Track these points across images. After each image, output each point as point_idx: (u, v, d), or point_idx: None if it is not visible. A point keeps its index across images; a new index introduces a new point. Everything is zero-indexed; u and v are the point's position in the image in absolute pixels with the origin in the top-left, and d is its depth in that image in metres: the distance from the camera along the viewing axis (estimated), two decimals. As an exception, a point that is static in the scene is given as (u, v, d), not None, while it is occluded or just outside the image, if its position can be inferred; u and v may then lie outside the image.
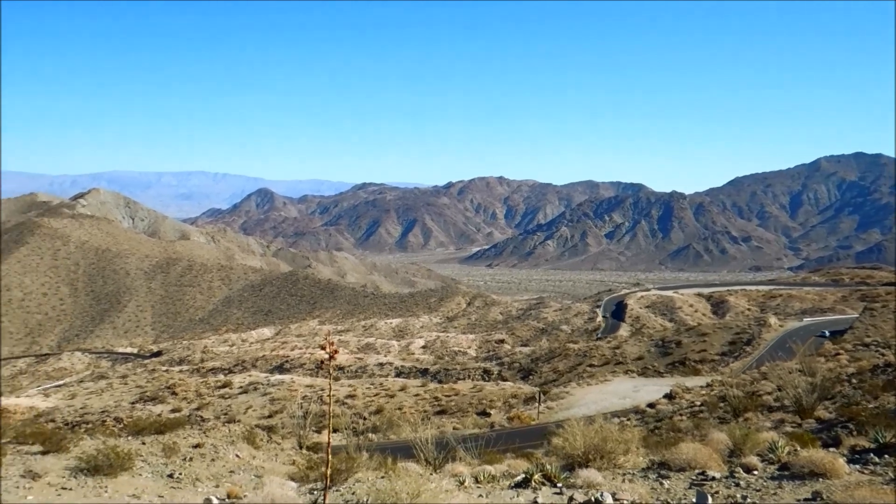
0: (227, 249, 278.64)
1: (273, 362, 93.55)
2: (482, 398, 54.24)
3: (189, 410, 55.60)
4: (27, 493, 13.24)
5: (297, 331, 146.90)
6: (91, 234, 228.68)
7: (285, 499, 9.93)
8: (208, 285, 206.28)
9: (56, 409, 62.27)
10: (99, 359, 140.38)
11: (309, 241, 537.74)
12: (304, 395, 59.89)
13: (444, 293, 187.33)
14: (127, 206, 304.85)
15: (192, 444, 19.15)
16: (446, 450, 14.45)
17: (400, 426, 39.13)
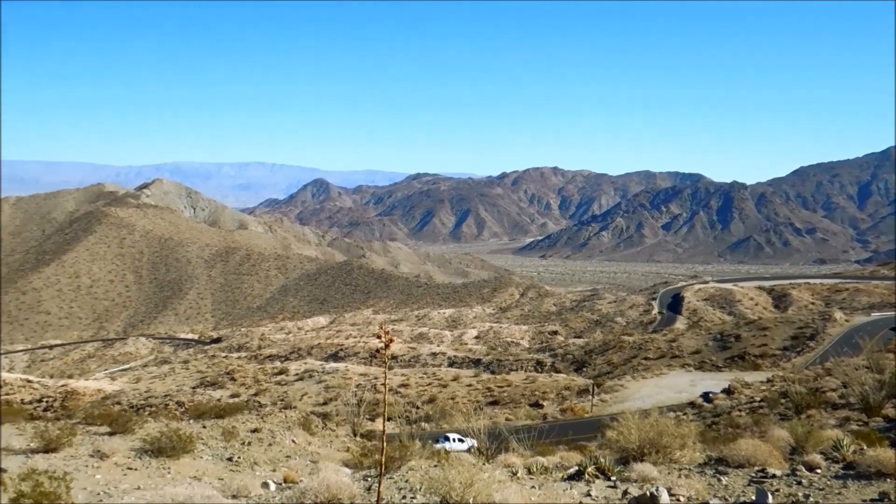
0: (283, 239, 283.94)
1: (328, 350, 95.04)
2: (535, 389, 54.05)
3: (247, 396, 57.03)
4: (95, 472, 13.79)
5: (351, 320, 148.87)
6: (155, 224, 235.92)
7: (340, 485, 10.07)
8: (265, 274, 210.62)
9: (122, 392, 64.67)
10: (162, 344, 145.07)
11: (363, 231, 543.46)
12: (358, 383, 60.75)
13: (497, 284, 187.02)
14: (188, 196, 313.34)
15: (250, 429, 19.62)
16: (499, 440, 14.46)
17: (452, 416, 39.30)
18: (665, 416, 19.40)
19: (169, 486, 12.97)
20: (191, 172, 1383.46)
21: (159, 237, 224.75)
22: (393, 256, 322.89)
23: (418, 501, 9.38)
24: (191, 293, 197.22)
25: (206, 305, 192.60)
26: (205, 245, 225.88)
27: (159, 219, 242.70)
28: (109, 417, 19.51)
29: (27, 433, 16.65)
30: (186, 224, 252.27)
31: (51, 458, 14.51)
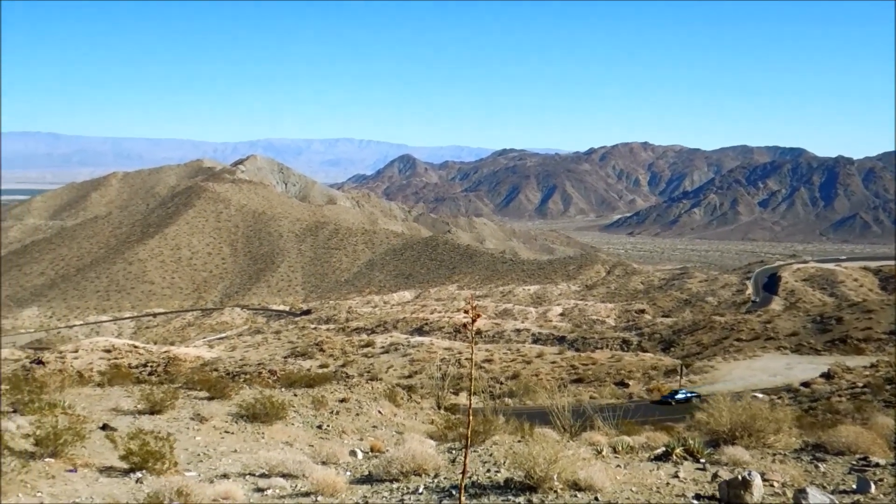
0: (370, 214, 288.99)
1: (413, 324, 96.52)
2: (620, 368, 53.26)
3: (335, 367, 58.71)
4: (196, 434, 14.55)
5: (436, 295, 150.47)
6: (249, 198, 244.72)
7: (425, 456, 10.24)
8: (353, 248, 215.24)
9: (219, 359, 67.82)
10: (255, 315, 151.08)
11: (449, 207, 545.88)
12: (443, 357, 61.49)
13: (583, 261, 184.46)
14: (280, 172, 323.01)
15: (338, 399, 20.21)
16: (583, 418, 14.32)
17: (536, 392, 39.27)
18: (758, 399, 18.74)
19: (263, 450, 13.54)
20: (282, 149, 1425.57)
21: (253, 211, 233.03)
22: (478, 232, 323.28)
23: (502, 475, 9.43)
24: (282, 266, 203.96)
25: (296, 278, 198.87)
26: (295, 219, 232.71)
27: (253, 194, 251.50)
28: (208, 383, 20.52)
29: (134, 396, 17.71)
30: (278, 199, 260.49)
31: (155, 420, 15.39)
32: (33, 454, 10.78)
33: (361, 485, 10.01)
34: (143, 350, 72.05)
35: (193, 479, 10.36)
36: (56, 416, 13.70)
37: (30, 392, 16.11)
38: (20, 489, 9.16)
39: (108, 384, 21.48)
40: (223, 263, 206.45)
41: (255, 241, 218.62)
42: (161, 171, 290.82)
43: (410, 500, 8.85)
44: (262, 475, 11.00)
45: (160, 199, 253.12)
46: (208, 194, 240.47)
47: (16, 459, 9.98)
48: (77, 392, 19.06)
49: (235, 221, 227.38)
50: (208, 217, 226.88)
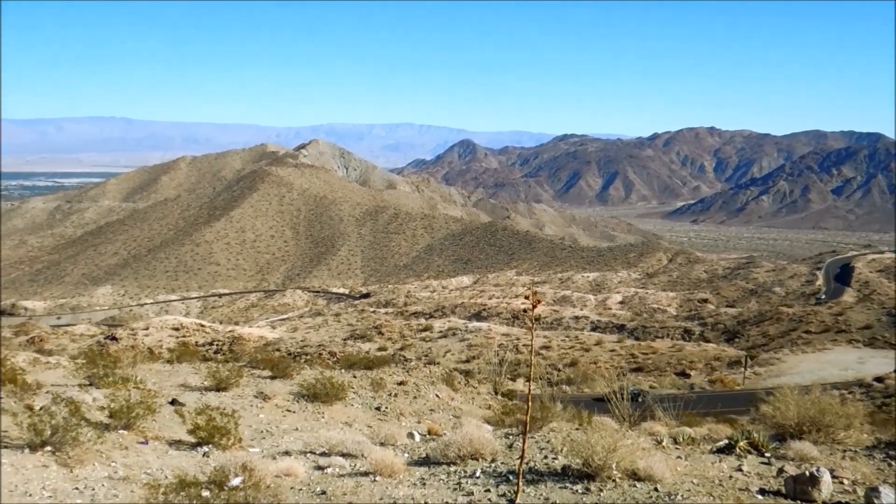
0: (430, 199, 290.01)
1: (471, 310, 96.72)
2: (681, 358, 52.28)
3: (393, 350, 59.38)
4: (259, 412, 14.95)
5: (494, 280, 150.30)
6: (311, 182, 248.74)
7: (482, 440, 10.27)
8: (412, 233, 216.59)
9: (281, 339, 69.47)
10: (316, 297, 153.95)
11: (508, 193, 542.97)
12: (500, 343, 61.49)
13: (645, 248, 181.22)
14: (342, 157, 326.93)
15: (396, 382, 20.44)
16: (642, 407, 14.12)
17: (594, 380, 38.91)
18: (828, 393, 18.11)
19: (323, 429, 13.82)
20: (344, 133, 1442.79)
21: (315, 195, 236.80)
22: (538, 218, 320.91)
23: (559, 462, 9.38)
24: (342, 250, 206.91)
25: (356, 262, 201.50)
26: (356, 204, 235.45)
27: (315, 178, 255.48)
28: (271, 362, 21.04)
29: (201, 373, 18.30)
30: (339, 183, 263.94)
31: (221, 396, 15.88)
32: (108, 426, 11.26)
33: (419, 467, 10.11)
34: (209, 329, 74.37)
35: (257, 455, 10.66)
36: (129, 390, 14.29)
37: (104, 367, 16.81)
38: (96, 458, 9.59)
39: (176, 361, 22.25)
40: (285, 246, 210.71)
41: (316, 224, 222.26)
42: (227, 155, 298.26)
43: (467, 483, 8.90)
44: (322, 454, 11.23)
45: (226, 182, 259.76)
46: (272, 178, 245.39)
47: (92, 430, 10.44)
48: (148, 368, 19.81)
49: (297, 205, 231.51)
50: (271, 200, 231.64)
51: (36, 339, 66.43)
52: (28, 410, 11.13)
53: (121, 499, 7.77)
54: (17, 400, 12.73)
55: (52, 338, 70.79)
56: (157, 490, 7.40)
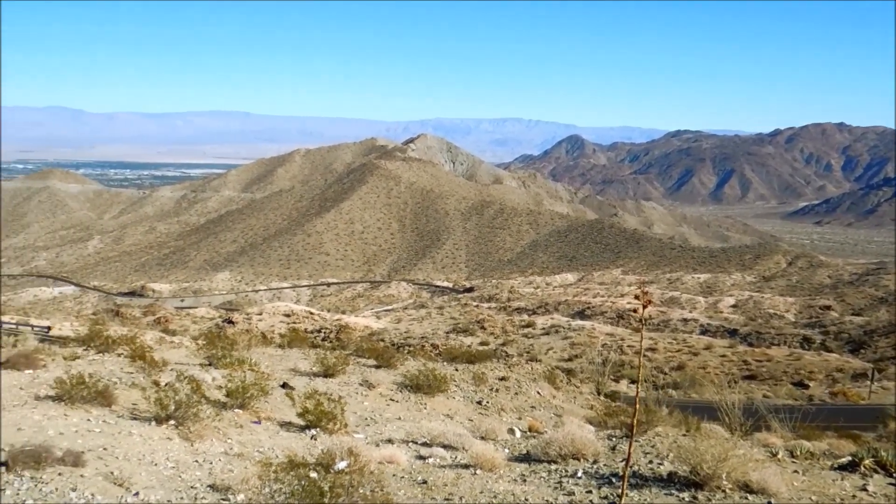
0: (536, 195, 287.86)
1: (574, 308, 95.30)
2: (799, 368, 49.48)
3: (495, 345, 59.41)
4: (364, 399, 15.36)
5: (599, 279, 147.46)
6: (418, 176, 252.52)
7: (585, 441, 10.12)
8: (517, 229, 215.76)
9: (385, 330, 71.03)
10: (420, 289, 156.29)
11: (616, 190, 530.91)
12: (604, 342, 60.30)
13: (761, 250, 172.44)
14: (449, 151, 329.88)
15: (498, 377, 20.47)
16: (755, 417, 13.46)
17: (702, 385, 37.52)
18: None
19: (425, 420, 14.04)
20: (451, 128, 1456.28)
21: (421, 189, 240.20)
22: (646, 216, 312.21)
23: (665, 468, 9.10)
24: (447, 243, 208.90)
25: (460, 256, 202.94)
26: (462, 198, 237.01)
27: (422, 172, 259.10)
28: (376, 352, 21.57)
29: (310, 358, 19.00)
30: (446, 177, 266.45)
31: (328, 382, 16.43)
32: (224, 404, 11.90)
33: (519, 463, 10.09)
34: (317, 317, 77.07)
35: (361, 441, 10.96)
36: (244, 371, 15.03)
37: (222, 348, 17.77)
38: (214, 434, 10.16)
39: (287, 346, 23.21)
40: (392, 238, 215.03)
41: (422, 217, 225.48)
42: (338, 148, 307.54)
43: (569, 483, 8.79)
44: (423, 444, 11.41)
45: (337, 174, 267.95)
46: (380, 171, 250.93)
47: (211, 408, 11.07)
48: (261, 351, 20.78)
49: (405, 198, 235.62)
50: (380, 193, 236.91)
51: (161, 320, 71.12)
52: (155, 386, 11.94)
53: (236, 474, 8.19)
54: (145, 375, 13.68)
55: (175, 319, 75.55)
56: (268, 468, 7.75)
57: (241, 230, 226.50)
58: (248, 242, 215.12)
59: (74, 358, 15.00)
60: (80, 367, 13.02)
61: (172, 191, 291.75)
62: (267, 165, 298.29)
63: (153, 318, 71.98)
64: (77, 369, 12.29)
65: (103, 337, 17.31)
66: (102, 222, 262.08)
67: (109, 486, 7.32)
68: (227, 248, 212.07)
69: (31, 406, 10.20)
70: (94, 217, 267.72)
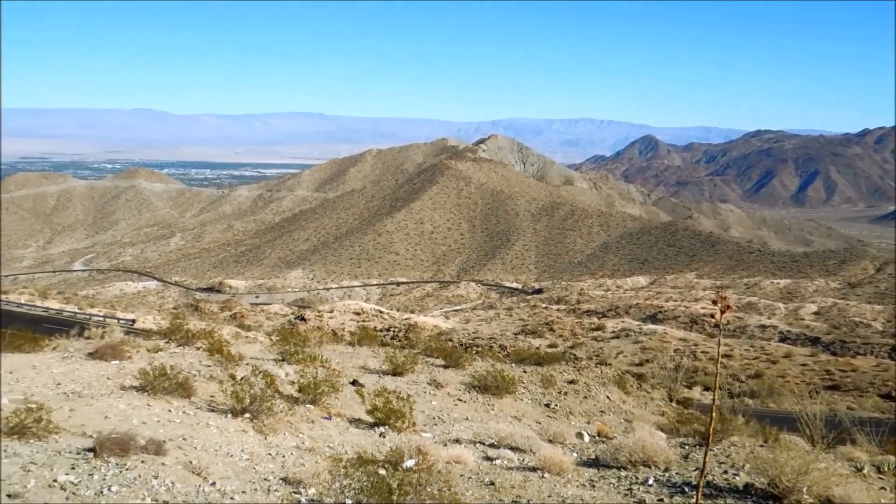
0: (607, 196, 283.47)
1: (646, 311, 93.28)
2: (887, 379, 47.01)
3: (564, 347, 58.78)
4: (432, 399, 15.45)
5: (672, 282, 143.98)
6: (488, 177, 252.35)
7: (656, 448, 9.89)
8: (588, 230, 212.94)
9: (453, 330, 71.20)
10: (489, 290, 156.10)
11: (691, 192, 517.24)
12: (676, 348, 58.80)
13: (847, 256, 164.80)
14: (520, 152, 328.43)
15: (566, 380, 20.24)
16: (838, 430, 12.87)
17: (781, 395, 36.17)
18: None
19: (492, 421, 14.02)
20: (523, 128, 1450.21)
21: (492, 189, 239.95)
22: (723, 219, 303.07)
23: (741, 479, 8.81)
24: (517, 244, 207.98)
25: (529, 257, 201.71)
26: (532, 199, 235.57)
27: (492, 172, 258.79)
28: (444, 352, 21.66)
29: (379, 357, 19.25)
30: (516, 178, 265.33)
31: (397, 381, 16.60)
32: (296, 399, 12.18)
33: (588, 468, 9.95)
34: (387, 315, 77.93)
35: (429, 440, 11.03)
36: (315, 368, 15.35)
37: (295, 344, 18.20)
38: (286, 428, 10.42)
39: (357, 344, 23.57)
40: (461, 239, 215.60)
41: (492, 218, 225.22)
42: (410, 148, 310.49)
43: (639, 490, 8.61)
44: (491, 445, 11.39)
45: (408, 175, 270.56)
46: (451, 172, 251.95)
47: (283, 402, 11.36)
48: (332, 348, 21.17)
49: (475, 199, 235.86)
50: (450, 193, 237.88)
51: (237, 315, 73.41)
52: (231, 379, 12.32)
53: (307, 468, 8.36)
54: (222, 369, 14.14)
55: (250, 315, 77.84)
56: (338, 463, 7.90)
57: (314, 229, 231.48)
58: (320, 241, 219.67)
59: (157, 350, 15.64)
60: (162, 359, 13.57)
61: (249, 190, 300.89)
62: (340, 166, 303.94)
63: (230, 314, 74.40)
64: (159, 361, 12.82)
65: (183, 331, 17.99)
66: (184, 220, 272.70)
67: (188, 475, 7.59)
68: (300, 247, 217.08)
69: (117, 395, 10.69)
70: (176, 215, 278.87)
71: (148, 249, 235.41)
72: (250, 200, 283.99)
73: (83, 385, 11.38)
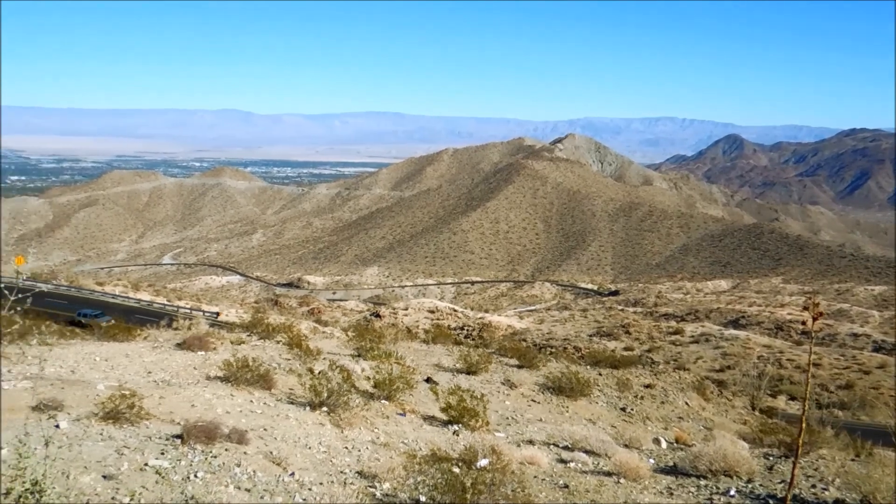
0: (688, 197, 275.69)
1: (727, 316, 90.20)
2: None
3: (640, 351, 57.47)
4: (505, 399, 15.41)
5: (756, 287, 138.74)
6: (565, 176, 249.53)
7: (738, 457, 9.55)
8: (667, 232, 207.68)
9: (527, 330, 70.71)
10: (564, 291, 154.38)
11: (778, 193, 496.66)
12: (760, 355, 56.61)
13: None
14: (597, 151, 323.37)
15: (643, 384, 19.80)
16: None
17: (874, 407, 34.37)
18: None
19: (566, 423, 13.85)
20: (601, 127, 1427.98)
21: (568, 189, 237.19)
22: (812, 222, 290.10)
23: (830, 494, 8.40)
24: (593, 245, 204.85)
25: (605, 258, 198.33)
26: (609, 199, 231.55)
27: (569, 172, 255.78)
28: (518, 352, 21.57)
29: (454, 355, 19.33)
30: (593, 178, 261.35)
31: (471, 380, 16.63)
32: (372, 395, 12.36)
33: (666, 475, 9.71)
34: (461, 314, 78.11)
35: (502, 440, 11.00)
36: (391, 364, 15.55)
37: (371, 341, 18.48)
38: (362, 423, 10.59)
39: (431, 342, 23.73)
40: (536, 239, 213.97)
41: (567, 218, 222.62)
42: (486, 147, 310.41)
43: (720, 500, 8.34)
44: (565, 447, 11.26)
45: (484, 174, 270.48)
46: (527, 171, 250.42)
47: (359, 397, 11.55)
48: (406, 346, 21.39)
49: (550, 198, 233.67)
50: (525, 193, 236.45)
51: (315, 311, 75.09)
52: (310, 373, 12.62)
53: (382, 463, 8.48)
54: (301, 362, 14.50)
55: (327, 310, 79.49)
56: (413, 460, 7.97)
57: (390, 227, 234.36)
58: (396, 239, 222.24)
59: (240, 342, 16.19)
60: (244, 352, 14.03)
61: (328, 188, 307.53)
62: (416, 165, 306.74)
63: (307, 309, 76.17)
64: (242, 353, 13.25)
65: (264, 324, 18.55)
66: (265, 217, 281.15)
67: (269, 464, 7.82)
68: (376, 245, 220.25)
69: (202, 385, 11.12)
70: (258, 212, 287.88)
71: (231, 245, 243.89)
72: (329, 198, 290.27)
73: (172, 374, 11.88)
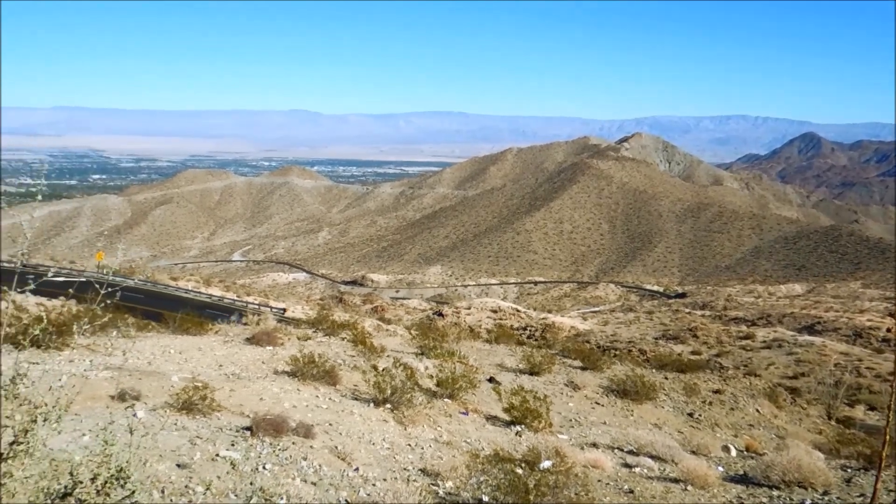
0: (760, 197, 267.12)
1: (802, 321, 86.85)
2: None
3: (708, 355, 55.91)
4: (569, 400, 15.25)
5: (833, 291, 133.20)
6: (631, 176, 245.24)
7: (813, 468, 9.20)
8: (738, 233, 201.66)
9: (591, 332, 69.77)
10: (629, 292, 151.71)
11: (859, 193, 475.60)
12: (837, 362, 54.37)
13: None
14: (665, 150, 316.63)
15: (711, 389, 19.30)
16: None
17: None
18: None
19: (631, 427, 13.62)
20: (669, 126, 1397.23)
21: (634, 189, 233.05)
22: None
23: (913, 512, 8.01)
24: (659, 246, 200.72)
25: (672, 260, 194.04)
26: (677, 199, 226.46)
27: (635, 171, 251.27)
28: (582, 353, 21.31)
29: (517, 355, 19.25)
30: (660, 178, 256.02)
31: (534, 380, 16.53)
32: (435, 393, 12.43)
33: (735, 484, 9.44)
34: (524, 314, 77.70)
35: (566, 442, 10.90)
36: (454, 363, 15.60)
37: (434, 339, 18.58)
38: (425, 421, 10.66)
39: (494, 341, 23.70)
40: (601, 239, 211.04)
41: (633, 219, 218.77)
42: (550, 147, 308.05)
43: (793, 513, 8.07)
44: (630, 452, 11.08)
45: (548, 173, 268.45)
46: (592, 171, 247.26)
47: (423, 395, 11.63)
48: (469, 345, 21.43)
49: (616, 199, 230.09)
50: (590, 193, 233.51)
51: (378, 309, 75.96)
52: (374, 370, 12.78)
53: (444, 461, 8.52)
54: (365, 359, 14.70)
55: (391, 308, 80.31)
56: (476, 459, 7.98)
57: (454, 226, 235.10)
58: (459, 238, 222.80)
59: (306, 338, 16.53)
60: (310, 347, 14.32)
61: (392, 187, 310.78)
62: (480, 164, 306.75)
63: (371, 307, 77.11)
64: (308, 349, 13.53)
65: (329, 321, 18.89)
66: (331, 215, 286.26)
67: (334, 459, 7.96)
68: (439, 244, 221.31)
69: (270, 379, 11.40)
70: (324, 210, 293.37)
71: (298, 243, 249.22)
72: (393, 197, 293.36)
73: (241, 367, 12.23)
